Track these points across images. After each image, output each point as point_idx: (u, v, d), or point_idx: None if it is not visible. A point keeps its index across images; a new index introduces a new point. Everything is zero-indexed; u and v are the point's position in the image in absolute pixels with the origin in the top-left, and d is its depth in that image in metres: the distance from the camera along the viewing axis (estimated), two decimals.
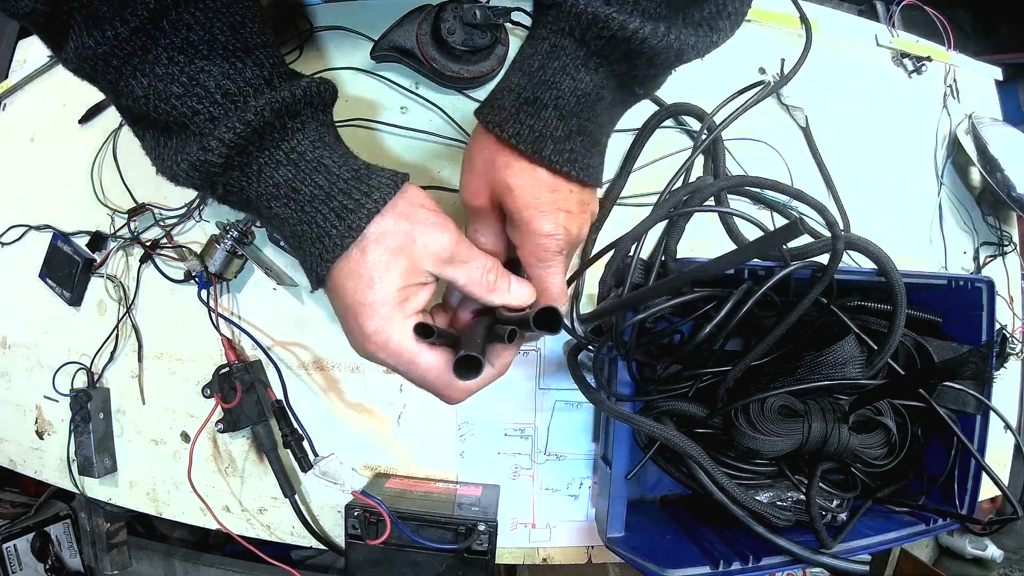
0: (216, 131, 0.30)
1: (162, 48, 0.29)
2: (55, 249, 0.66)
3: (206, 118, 0.30)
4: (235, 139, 0.30)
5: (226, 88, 0.30)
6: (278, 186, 0.32)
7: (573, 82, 0.32)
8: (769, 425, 0.45)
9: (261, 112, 0.30)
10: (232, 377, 0.56)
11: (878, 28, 0.72)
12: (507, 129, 0.33)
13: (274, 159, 0.32)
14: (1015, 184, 0.68)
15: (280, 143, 0.32)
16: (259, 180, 0.32)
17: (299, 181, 0.32)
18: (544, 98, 0.32)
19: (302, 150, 0.32)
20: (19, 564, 0.88)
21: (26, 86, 0.72)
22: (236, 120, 0.30)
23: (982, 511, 0.97)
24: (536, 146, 0.32)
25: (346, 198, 0.31)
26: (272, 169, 0.32)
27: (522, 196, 0.34)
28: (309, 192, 0.32)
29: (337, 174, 0.32)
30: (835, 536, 0.48)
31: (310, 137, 0.33)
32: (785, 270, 0.41)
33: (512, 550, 0.58)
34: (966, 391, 0.50)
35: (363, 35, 0.58)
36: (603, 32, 0.30)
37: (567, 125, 0.33)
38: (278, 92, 0.31)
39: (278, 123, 0.31)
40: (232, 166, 0.31)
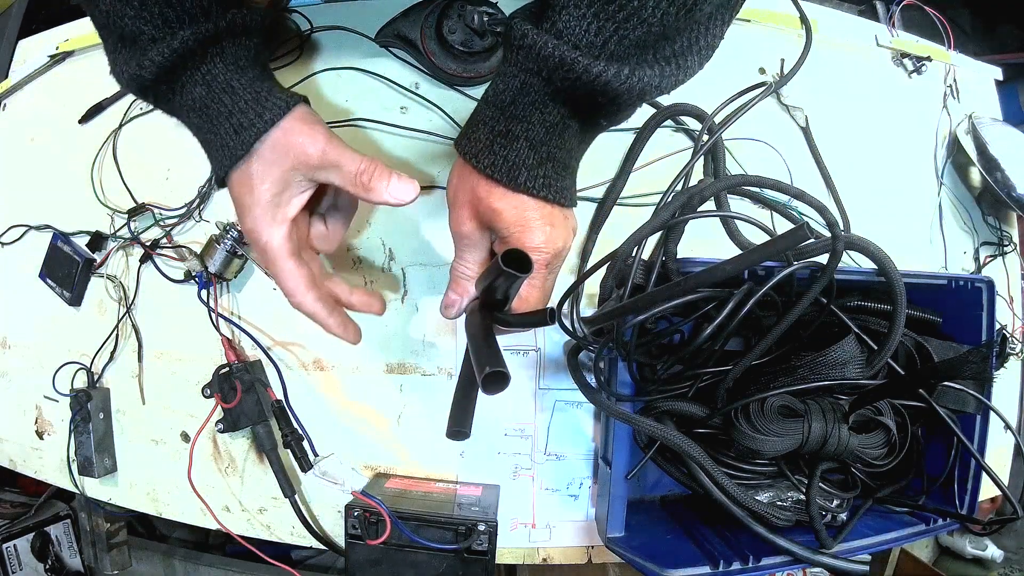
0: (149, 52, 0.35)
1: None
2: (55, 249, 0.66)
3: (149, 38, 0.35)
4: (163, 61, 0.35)
5: (166, 15, 0.35)
6: (194, 101, 0.38)
7: (541, 115, 0.35)
8: (769, 425, 0.45)
9: (186, 41, 0.35)
10: (232, 377, 0.56)
11: (878, 28, 0.72)
12: (483, 160, 0.36)
13: (192, 79, 0.37)
14: (1015, 184, 0.68)
15: (200, 65, 0.37)
16: (181, 95, 0.38)
17: (209, 99, 0.38)
18: (516, 131, 0.35)
19: (216, 72, 0.38)
20: (19, 564, 0.88)
21: (26, 86, 0.72)
22: (165, 46, 0.35)
23: (982, 511, 0.96)
24: (511, 175, 0.36)
25: (243, 116, 0.37)
26: (191, 87, 0.38)
27: (509, 216, 0.37)
28: (215, 109, 0.38)
29: (240, 95, 0.38)
30: (835, 536, 0.48)
31: (226, 61, 0.38)
32: (786, 270, 0.41)
33: (512, 550, 0.58)
34: (966, 391, 0.50)
35: (363, 35, 0.58)
36: (568, 75, 0.32)
37: (538, 154, 0.36)
38: (204, 24, 0.36)
39: (199, 49, 0.36)
40: (161, 81, 0.37)
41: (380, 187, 0.39)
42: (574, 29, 0.31)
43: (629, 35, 0.30)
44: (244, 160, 0.38)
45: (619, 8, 0.30)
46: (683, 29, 0.32)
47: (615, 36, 0.30)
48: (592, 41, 0.31)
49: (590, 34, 0.31)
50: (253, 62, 0.40)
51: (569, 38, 0.31)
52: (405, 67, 0.58)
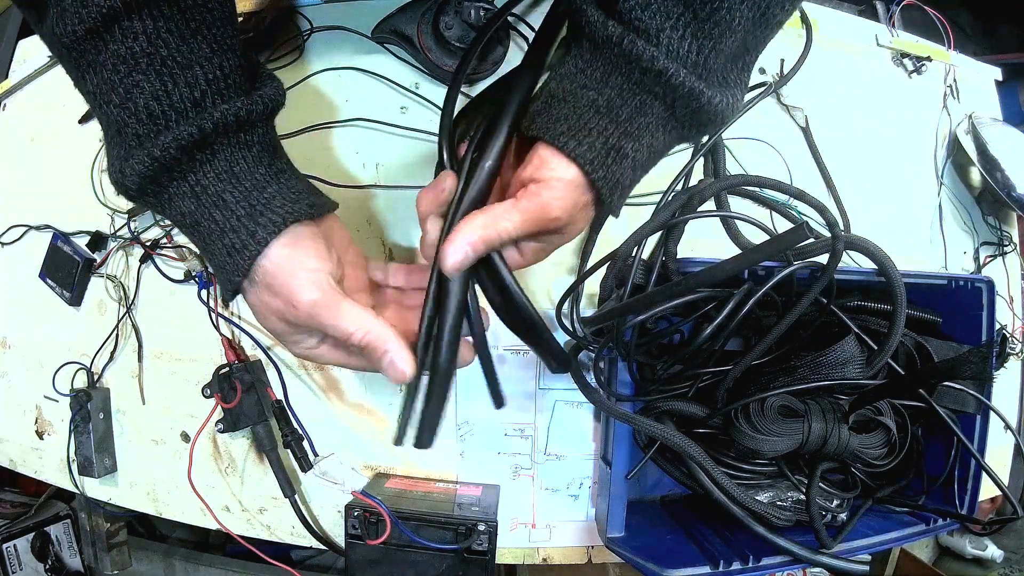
0: (130, 160, 0.31)
1: (108, 55, 0.30)
2: (55, 249, 0.66)
3: (132, 134, 0.31)
4: (144, 171, 0.31)
5: (151, 109, 0.30)
6: (184, 216, 0.33)
7: (652, 139, 0.34)
8: (769, 425, 0.45)
9: (167, 148, 0.31)
10: (232, 377, 0.56)
11: (878, 28, 0.72)
12: (598, 171, 0.33)
13: (180, 191, 0.33)
14: (1015, 184, 0.68)
15: (187, 175, 0.32)
16: (169, 208, 0.33)
17: (199, 214, 0.33)
18: (627, 149, 0.34)
19: (206, 183, 0.33)
20: (19, 564, 0.88)
21: (26, 86, 0.72)
22: (145, 154, 0.31)
23: (982, 511, 0.97)
24: (611, 192, 0.34)
25: (235, 236, 0.33)
26: (179, 200, 0.33)
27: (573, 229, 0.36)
28: (207, 227, 0.33)
29: (232, 210, 0.33)
30: (835, 536, 0.48)
31: (216, 169, 0.33)
32: (786, 270, 0.41)
33: (512, 550, 0.58)
34: (966, 391, 0.50)
35: (363, 35, 0.58)
36: (691, 104, 0.32)
37: (635, 176, 0.35)
38: (186, 127, 0.31)
39: (185, 157, 0.31)
40: (146, 192, 0.33)
41: (374, 359, 0.35)
42: (676, 51, 0.30)
43: (724, 51, 0.31)
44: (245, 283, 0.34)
45: (714, 24, 0.30)
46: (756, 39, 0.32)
47: (712, 53, 0.31)
48: (696, 62, 0.31)
49: (692, 54, 0.30)
50: (255, 161, 0.34)
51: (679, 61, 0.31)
52: (405, 67, 0.58)
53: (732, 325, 0.42)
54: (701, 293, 0.44)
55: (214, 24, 0.32)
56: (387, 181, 0.58)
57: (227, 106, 0.32)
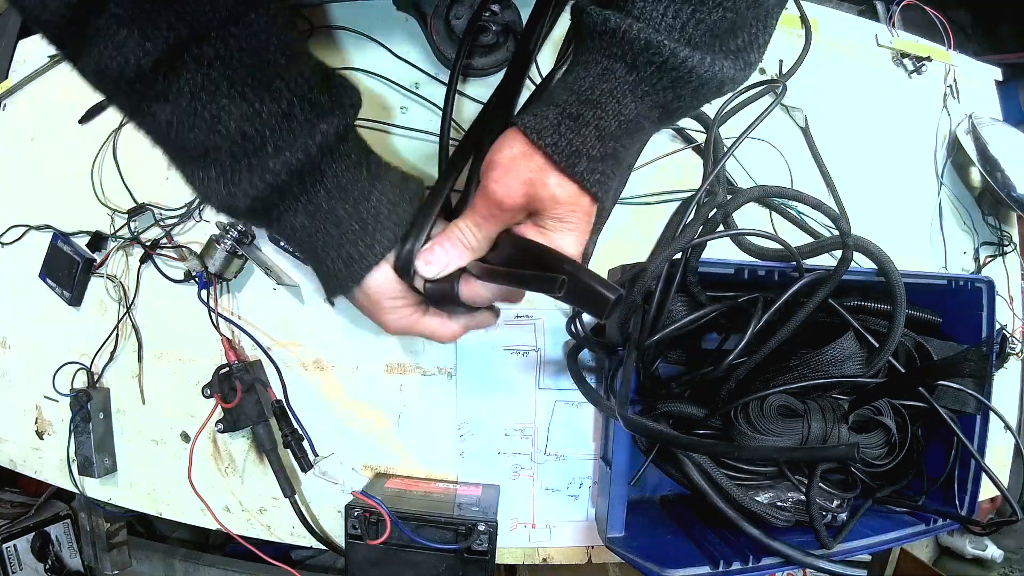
0: (240, 182, 0.32)
1: (184, 82, 0.29)
2: (55, 249, 0.66)
3: (227, 155, 0.32)
4: (257, 195, 0.33)
5: (244, 130, 0.31)
6: (295, 231, 0.36)
7: (618, 106, 0.33)
8: (769, 425, 0.45)
9: (278, 174, 0.32)
10: (232, 377, 0.56)
11: (878, 28, 0.72)
12: (545, 138, 0.33)
13: (293, 208, 0.35)
14: (1015, 184, 0.68)
15: (299, 196, 0.34)
16: (279, 224, 0.36)
17: (314, 228, 0.35)
18: (587, 116, 0.33)
19: (318, 201, 0.35)
20: (19, 564, 0.88)
21: (26, 86, 0.72)
22: (257, 178, 0.32)
23: (982, 511, 0.97)
24: (571, 160, 0.33)
25: (352, 248, 0.36)
26: (291, 216, 0.35)
27: (563, 209, 0.34)
28: (322, 240, 0.36)
29: (348, 225, 0.35)
30: (835, 536, 0.48)
31: (327, 187, 0.35)
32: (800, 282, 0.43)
33: (512, 550, 0.58)
34: (966, 391, 0.50)
35: (363, 35, 0.58)
36: (654, 58, 0.31)
37: (604, 146, 0.33)
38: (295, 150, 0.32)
39: (295, 180, 0.33)
40: (256, 213, 0.34)
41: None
42: (651, 13, 0.30)
43: (705, 19, 0.30)
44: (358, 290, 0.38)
45: None
46: (749, 20, 0.32)
47: (692, 20, 0.30)
48: (671, 24, 0.30)
49: (668, 17, 0.30)
50: (355, 167, 0.36)
51: (648, 22, 0.30)
52: (405, 67, 0.58)
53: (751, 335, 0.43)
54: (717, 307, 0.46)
55: (279, 32, 0.32)
56: None
57: (326, 125, 0.33)
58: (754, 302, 0.46)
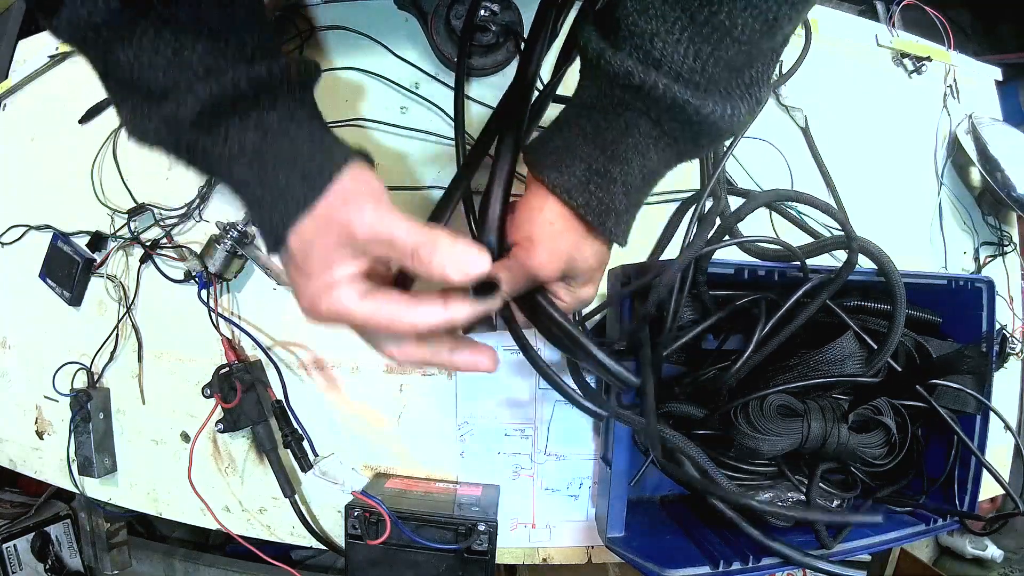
0: (192, 92, 0.30)
1: (150, 22, 0.30)
2: (55, 249, 0.66)
3: (186, 88, 0.31)
4: (208, 98, 0.31)
5: (207, 64, 0.31)
6: (243, 148, 0.33)
7: (643, 160, 0.33)
8: (768, 425, 0.45)
9: (237, 81, 0.31)
10: (232, 377, 0.56)
11: (878, 28, 0.72)
12: (576, 198, 0.33)
13: (243, 124, 0.32)
14: (1015, 184, 0.68)
15: (250, 112, 0.32)
16: (225, 143, 0.33)
17: (265, 145, 0.33)
18: (614, 173, 0.33)
19: (271, 120, 0.33)
20: (19, 564, 0.88)
21: (26, 86, 0.72)
22: (212, 83, 0.31)
23: (982, 511, 0.96)
24: (601, 218, 0.34)
25: (310, 163, 0.33)
26: (240, 132, 0.32)
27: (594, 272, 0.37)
28: (274, 155, 0.33)
29: (301, 143, 0.33)
30: (835, 536, 0.48)
31: (279, 111, 0.33)
32: (806, 285, 0.43)
33: (512, 550, 0.58)
34: (966, 391, 0.50)
35: (363, 35, 0.58)
36: (679, 116, 0.30)
37: (629, 200, 0.34)
38: (255, 66, 0.32)
39: (251, 93, 0.32)
40: (201, 125, 0.32)
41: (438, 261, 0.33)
42: (671, 55, 0.29)
43: (723, 57, 0.29)
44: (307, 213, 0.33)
45: (713, 29, 0.28)
46: (764, 51, 0.31)
47: (711, 59, 0.29)
48: (692, 67, 0.29)
49: (688, 59, 0.29)
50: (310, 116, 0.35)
51: (669, 67, 0.29)
52: (405, 67, 0.58)
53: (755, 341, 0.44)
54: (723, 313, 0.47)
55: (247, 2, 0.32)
56: (387, 181, 0.58)
57: (286, 59, 0.33)
58: (757, 303, 0.46)
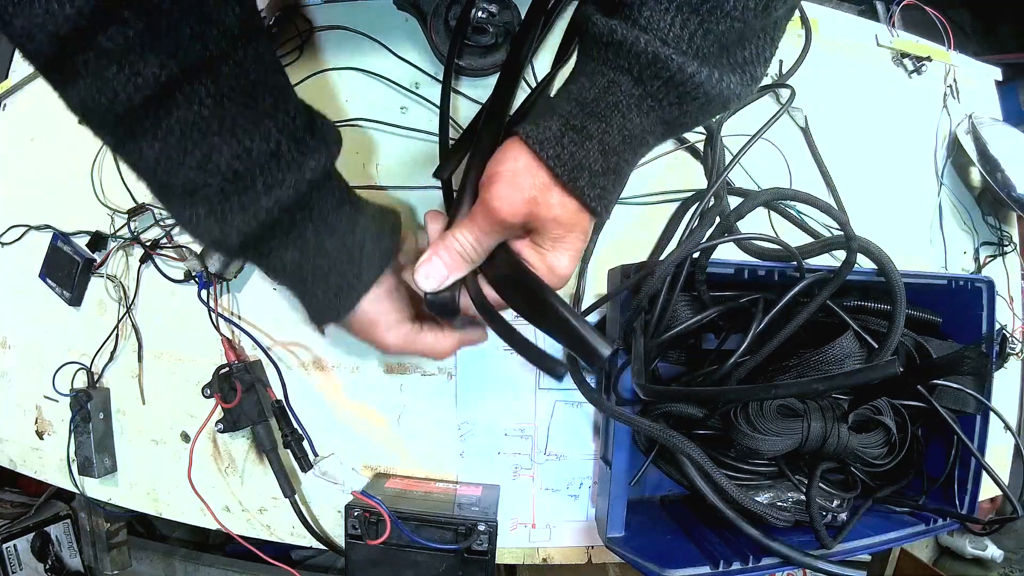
0: (233, 219, 0.33)
1: (176, 120, 0.29)
2: (55, 249, 0.66)
3: (216, 191, 0.32)
4: (250, 231, 0.33)
5: (235, 168, 0.31)
6: (285, 265, 0.37)
7: (623, 120, 0.32)
8: (768, 425, 0.45)
9: (271, 211, 0.33)
10: (232, 377, 0.56)
11: (878, 28, 0.72)
12: (547, 149, 0.32)
13: (283, 244, 0.36)
14: (1015, 184, 0.68)
15: (290, 231, 0.35)
16: (268, 259, 0.36)
17: (303, 262, 0.36)
18: (591, 129, 0.32)
19: (307, 236, 0.36)
20: (19, 564, 0.88)
21: (26, 86, 0.72)
22: (250, 215, 0.32)
23: (982, 511, 0.96)
24: (573, 174, 0.32)
25: (341, 279, 0.37)
26: (281, 251, 0.36)
27: (562, 231, 0.35)
28: (311, 273, 0.37)
29: (336, 257, 0.37)
30: (835, 536, 0.48)
31: (315, 222, 0.36)
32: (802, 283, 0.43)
33: (512, 550, 0.58)
34: (966, 391, 0.50)
35: (363, 35, 0.58)
36: (661, 73, 0.30)
37: (607, 161, 0.33)
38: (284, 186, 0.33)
39: (286, 216, 0.34)
40: (247, 248, 0.35)
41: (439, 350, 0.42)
42: (658, 23, 0.29)
43: (713, 29, 0.29)
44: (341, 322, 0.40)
45: (702, 1, 0.28)
46: (756, 30, 0.31)
47: (700, 30, 0.29)
48: (679, 35, 0.29)
49: (675, 28, 0.29)
50: (339, 202, 0.37)
51: (655, 33, 0.29)
52: (405, 67, 0.58)
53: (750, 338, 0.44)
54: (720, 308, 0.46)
55: (269, 70, 0.32)
56: (387, 181, 0.58)
57: (313, 162, 0.34)
58: (755, 303, 0.46)
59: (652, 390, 0.43)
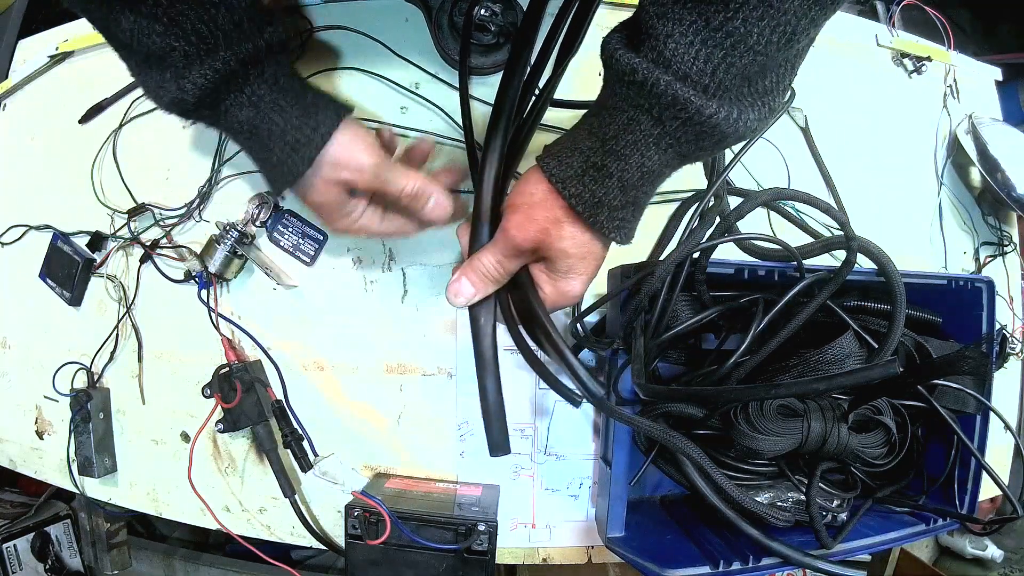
0: (190, 75, 0.35)
1: None
2: (55, 249, 0.66)
3: (180, 55, 0.34)
4: (205, 83, 0.35)
5: (200, 31, 0.34)
6: (241, 124, 0.38)
7: (641, 158, 0.33)
8: (768, 425, 0.45)
9: (227, 62, 0.35)
10: (232, 377, 0.56)
11: (878, 28, 0.72)
12: (569, 188, 0.34)
13: (237, 101, 0.37)
14: (1015, 184, 0.68)
15: (243, 87, 0.37)
16: (225, 118, 0.38)
17: (258, 120, 0.38)
18: (611, 167, 0.33)
19: (261, 93, 0.38)
20: (19, 564, 0.88)
21: (26, 86, 0.72)
22: (207, 67, 0.35)
23: (982, 511, 0.96)
24: (593, 211, 0.34)
25: (298, 133, 0.38)
26: (236, 109, 0.38)
27: (570, 260, 0.37)
28: (267, 129, 0.38)
29: (289, 112, 0.38)
30: (835, 536, 0.48)
31: (268, 82, 0.38)
32: (802, 283, 0.43)
33: (512, 550, 0.58)
34: (966, 391, 0.50)
35: (363, 34, 0.58)
36: (680, 114, 0.30)
37: (625, 196, 0.34)
38: (242, 44, 0.36)
39: (241, 70, 0.36)
40: (204, 104, 0.37)
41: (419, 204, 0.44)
42: (682, 56, 0.29)
43: (736, 63, 0.29)
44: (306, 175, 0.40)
45: (727, 35, 0.28)
46: (779, 63, 0.31)
47: (723, 64, 0.29)
48: (702, 69, 0.29)
49: (699, 61, 0.29)
50: (292, 77, 0.40)
51: (678, 67, 0.29)
52: (405, 67, 0.58)
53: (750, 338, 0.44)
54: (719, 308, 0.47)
55: None
56: None
57: (272, 29, 0.37)
58: (755, 303, 0.46)
59: (652, 390, 0.43)
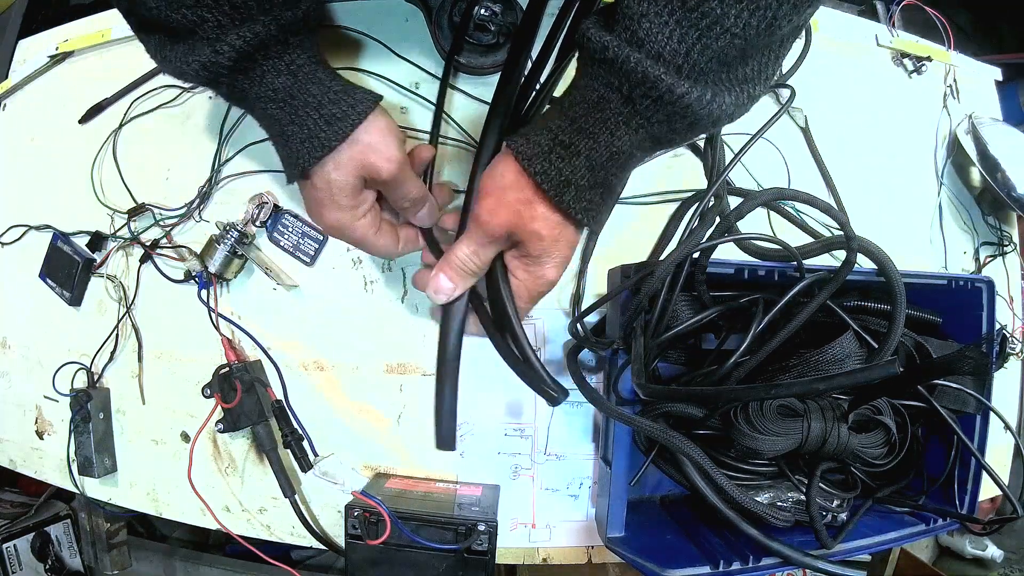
0: (227, 37, 0.33)
1: None
2: (55, 249, 0.66)
3: (213, 25, 0.33)
4: (244, 45, 0.34)
5: (234, 2, 0.32)
6: (276, 91, 0.36)
7: (611, 137, 0.32)
8: (768, 425, 0.45)
9: (268, 25, 0.34)
10: (232, 377, 0.56)
11: (878, 28, 0.72)
12: (535, 165, 0.34)
13: (275, 67, 0.36)
14: (1015, 184, 0.68)
15: (283, 54, 0.36)
16: (260, 84, 0.36)
17: (296, 88, 0.36)
18: (579, 145, 0.33)
19: (300, 63, 0.37)
20: (19, 564, 0.88)
21: (26, 86, 0.72)
22: (247, 29, 0.33)
23: (982, 511, 0.96)
24: (559, 190, 0.34)
25: (335, 107, 0.37)
26: (272, 76, 0.36)
27: (544, 243, 0.36)
28: (303, 99, 0.37)
29: (328, 85, 0.37)
30: (835, 536, 0.48)
31: (307, 52, 0.37)
32: (801, 283, 0.43)
33: (512, 550, 0.58)
34: (966, 391, 0.50)
35: (363, 34, 0.58)
36: (650, 92, 0.30)
37: (594, 176, 0.34)
38: (283, 11, 0.34)
39: (281, 36, 0.35)
40: (238, 69, 0.35)
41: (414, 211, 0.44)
42: (656, 36, 0.29)
43: (711, 45, 0.28)
44: (337, 150, 0.37)
45: (702, 16, 0.27)
46: (760, 48, 0.30)
47: (698, 45, 0.28)
48: (675, 49, 0.29)
49: (672, 41, 0.28)
50: (324, 56, 0.40)
51: (651, 47, 0.29)
52: (405, 67, 0.58)
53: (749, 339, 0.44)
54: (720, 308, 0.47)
55: None
56: None
57: (306, 5, 0.36)
58: (755, 303, 0.46)
59: (652, 390, 0.43)
